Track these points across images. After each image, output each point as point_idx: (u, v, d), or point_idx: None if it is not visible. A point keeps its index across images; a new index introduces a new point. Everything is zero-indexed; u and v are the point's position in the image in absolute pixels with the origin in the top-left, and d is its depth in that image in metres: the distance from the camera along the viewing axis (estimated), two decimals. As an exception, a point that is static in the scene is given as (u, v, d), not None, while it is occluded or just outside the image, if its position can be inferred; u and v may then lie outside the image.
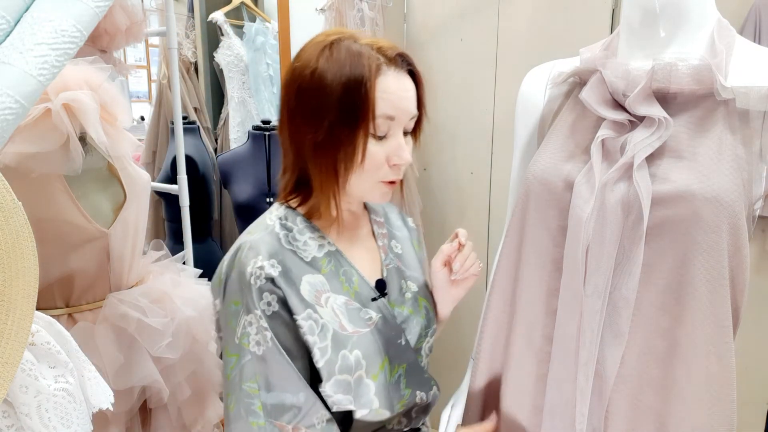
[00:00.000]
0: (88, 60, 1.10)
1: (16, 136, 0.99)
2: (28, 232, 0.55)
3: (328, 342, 0.74)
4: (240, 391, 0.72)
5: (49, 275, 1.09)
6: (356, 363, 0.74)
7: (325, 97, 0.71)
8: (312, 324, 0.73)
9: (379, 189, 0.78)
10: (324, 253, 0.79)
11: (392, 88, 0.72)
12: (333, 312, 0.75)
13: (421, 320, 0.86)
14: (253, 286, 0.71)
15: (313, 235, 0.80)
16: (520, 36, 1.88)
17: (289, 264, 0.74)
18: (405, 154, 0.75)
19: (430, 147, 2.18)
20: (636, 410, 0.77)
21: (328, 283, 0.77)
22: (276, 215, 0.80)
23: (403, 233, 0.95)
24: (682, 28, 0.77)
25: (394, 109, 0.73)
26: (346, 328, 0.75)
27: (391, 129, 0.74)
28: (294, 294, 0.73)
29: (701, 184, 0.70)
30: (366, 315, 0.78)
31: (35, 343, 0.64)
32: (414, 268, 0.91)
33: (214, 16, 2.35)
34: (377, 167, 0.75)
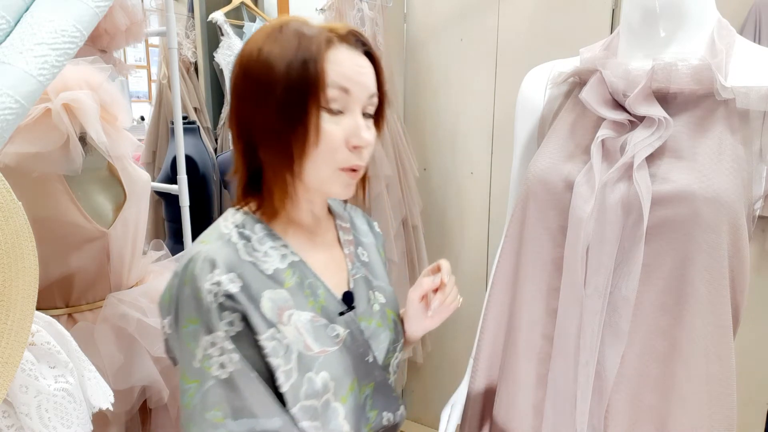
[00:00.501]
0: (88, 60, 1.10)
1: (16, 136, 0.99)
2: (28, 232, 0.55)
3: (293, 364, 0.66)
4: (203, 422, 0.63)
5: (49, 275, 1.09)
6: (323, 386, 0.67)
7: (272, 74, 0.65)
8: (276, 345, 0.66)
9: (340, 179, 0.69)
10: (287, 263, 0.71)
11: (345, 60, 0.67)
12: (297, 330, 0.68)
13: (389, 334, 0.80)
14: (211, 304, 0.63)
15: (274, 244, 0.71)
16: (520, 36, 1.88)
17: (249, 278, 0.66)
18: (365, 133, 0.68)
19: (430, 147, 2.18)
20: (636, 410, 0.77)
21: (292, 299, 0.69)
22: (232, 222, 0.71)
23: (369, 239, 0.88)
24: (682, 28, 0.77)
25: (347, 80, 0.67)
26: (311, 347, 0.68)
27: (348, 105, 0.68)
28: (255, 312, 0.65)
29: (701, 184, 0.70)
30: (333, 332, 0.71)
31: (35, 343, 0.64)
32: (381, 277, 0.84)
33: (214, 16, 2.35)
34: (334, 149, 0.67)
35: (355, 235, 0.85)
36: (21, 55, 0.60)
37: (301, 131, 0.66)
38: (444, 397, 1.07)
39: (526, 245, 0.86)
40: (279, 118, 0.66)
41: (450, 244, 2.20)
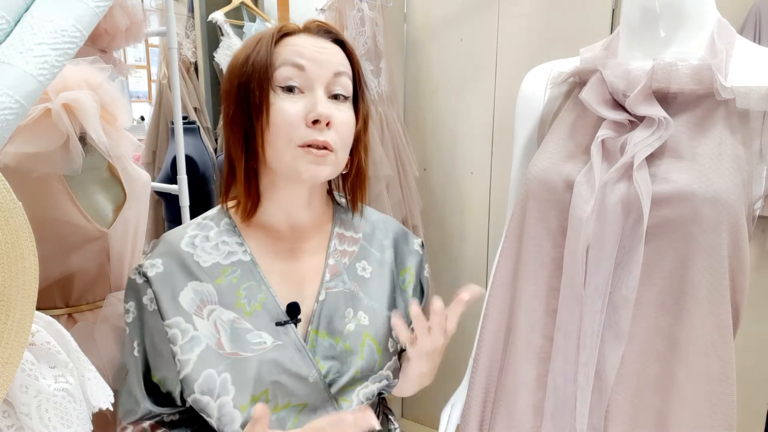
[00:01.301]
0: (88, 60, 1.10)
1: (16, 136, 0.99)
2: (28, 232, 0.55)
3: (193, 356, 0.67)
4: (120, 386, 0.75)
5: (49, 275, 1.09)
6: (222, 387, 0.67)
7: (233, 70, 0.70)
8: (176, 332, 0.68)
9: (302, 158, 0.67)
10: (230, 261, 0.72)
11: (300, 42, 0.69)
12: (214, 326, 0.69)
13: (358, 361, 0.73)
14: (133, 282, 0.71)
15: (229, 239, 0.73)
16: (520, 36, 1.88)
17: (176, 267, 0.71)
18: (321, 107, 0.66)
19: (430, 147, 2.18)
20: (636, 410, 0.77)
21: (217, 295, 0.70)
22: (206, 214, 0.77)
23: (384, 256, 0.81)
24: (682, 28, 0.77)
25: (300, 56, 0.67)
26: (223, 346, 0.68)
27: (305, 84, 0.68)
28: (168, 298, 0.69)
29: (701, 184, 0.70)
30: (257, 338, 0.69)
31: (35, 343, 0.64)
32: (378, 298, 0.78)
33: (214, 16, 2.35)
34: (290, 125, 0.66)
35: (365, 247, 0.81)
36: (21, 55, 0.59)
37: (255, 114, 0.67)
38: (444, 397, 1.07)
39: (526, 245, 0.86)
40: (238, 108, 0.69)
41: (450, 244, 2.20)
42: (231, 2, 2.38)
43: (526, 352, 0.86)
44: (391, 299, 0.80)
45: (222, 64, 2.41)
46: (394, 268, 0.83)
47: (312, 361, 0.71)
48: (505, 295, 0.90)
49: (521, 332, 0.86)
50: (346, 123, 0.70)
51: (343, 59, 0.72)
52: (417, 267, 0.85)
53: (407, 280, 0.83)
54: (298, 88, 0.68)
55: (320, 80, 0.68)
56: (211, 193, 2.28)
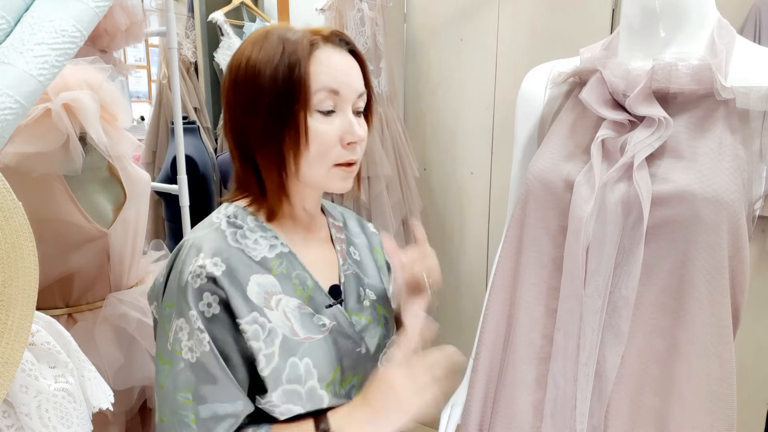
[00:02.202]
0: (88, 60, 1.10)
1: (16, 136, 0.99)
2: (28, 232, 0.55)
3: (276, 348, 0.67)
4: (173, 402, 0.66)
5: (49, 275, 1.09)
6: (306, 372, 0.69)
7: (259, 81, 0.67)
8: (257, 328, 0.67)
9: (337, 174, 0.72)
10: (276, 253, 0.73)
11: (332, 62, 0.69)
12: (284, 315, 0.70)
13: (380, 329, 0.81)
14: (191, 286, 0.65)
15: (264, 234, 0.74)
16: (520, 36, 1.88)
17: (235, 263, 0.68)
18: (358, 129, 0.70)
19: (430, 147, 2.18)
20: (636, 410, 0.77)
21: (279, 285, 0.71)
22: (224, 213, 0.74)
23: (360, 240, 0.90)
24: (682, 28, 0.77)
25: (336, 82, 0.69)
26: (298, 333, 0.70)
27: (338, 105, 0.70)
28: (239, 295, 0.67)
29: (701, 184, 0.70)
30: (319, 321, 0.73)
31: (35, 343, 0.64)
32: (372, 276, 0.86)
33: (214, 16, 2.35)
34: (328, 148, 0.69)
35: (347, 235, 0.87)
36: (21, 55, 0.60)
37: (293, 135, 0.68)
38: (444, 397, 1.07)
39: (526, 245, 0.86)
40: (270, 124, 0.68)
41: (450, 244, 2.20)
42: (231, 2, 2.38)
43: (526, 352, 0.86)
44: (379, 275, 0.88)
45: (222, 64, 2.41)
46: (370, 249, 0.91)
47: (360, 335, 0.77)
48: (505, 295, 0.90)
49: (521, 332, 0.86)
50: (365, 137, 0.74)
51: (361, 75, 0.74)
52: (380, 245, 0.93)
53: (379, 259, 0.91)
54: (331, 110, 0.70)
55: (349, 101, 0.71)
56: (211, 193, 2.28)
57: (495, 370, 0.92)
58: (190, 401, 0.66)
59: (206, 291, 0.66)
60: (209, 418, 0.66)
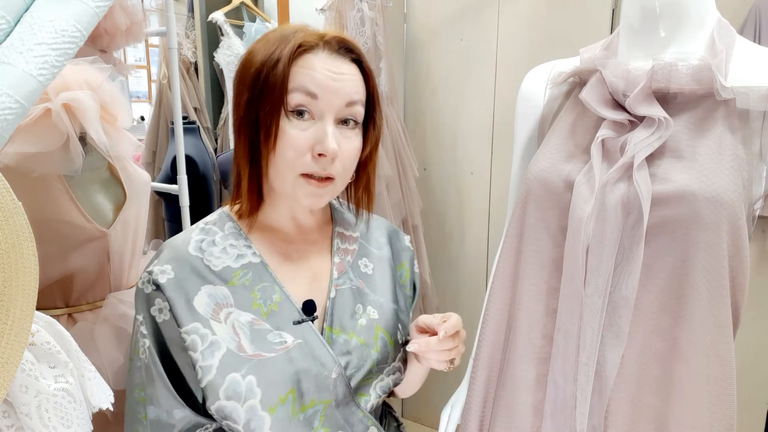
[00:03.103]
0: (88, 60, 1.10)
1: (16, 136, 0.99)
2: (28, 232, 0.55)
3: (215, 361, 0.66)
4: (131, 397, 0.70)
5: (49, 275, 1.09)
6: (248, 390, 0.65)
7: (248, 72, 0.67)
8: (196, 339, 0.66)
9: (302, 187, 0.67)
10: (241, 264, 0.71)
11: (317, 65, 0.66)
12: (233, 329, 0.67)
13: (373, 353, 0.74)
14: (141, 291, 0.68)
15: (236, 242, 0.72)
16: (520, 36, 1.88)
17: (187, 272, 0.68)
18: (329, 142, 0.65)
19: (430, 147, 2.18)
20: (636, 410, 0.77)
21: (232, 297, 0.69)
22: (206, 219, 0.75)
23: (382, 253, 0.84)
24: (682, 28, 0.77)
25: (315, 85, 0.65)
26: (245, 349, 0.67)
27: (317, 112, 0.66)
28: (183, 304, 0.66)
29: (701, 184, 0.70)
30: (278, 338, 0.69)
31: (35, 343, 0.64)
32: (383, 293, 0.80)
33: (214, 16, 2.35)
34: (296, 154, 0.65)
35: (363, 245, 0.83)
36: (21, 55, 0.59)
37: (263, 134, 0.66)
38: (444, 397, 1.07)
39: (526, 245, 0.86)
40: (246, 118, 0.67)
41: (450, 244, 2.20)
42: (231, 2, 2.38)
43: (526, 352, 0.86)
44: (394, 293, 0.82)
45: (222, 64, 2.41)
46: (392, 263, 0.85)
47: (334, 357, 0.71)
48: (505, 295, 0.90)
49: (521, 332, 0.86)
50: (350, 152, 0.69)
51: (359, 85, 0.69)
52: (410, 263, 0.88)
53: (404, 276, 0.86)
54: (309, 114, 0.66)
55: (331, 109, 0.67)
56: (211, 193, 2.28)
57: (495, 370, 0.92)
58: (143, 398, 0.69)
59: (156, 298, 0.67)
60: (154, 420, 0.68)
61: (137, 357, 0.69)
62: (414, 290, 0.88)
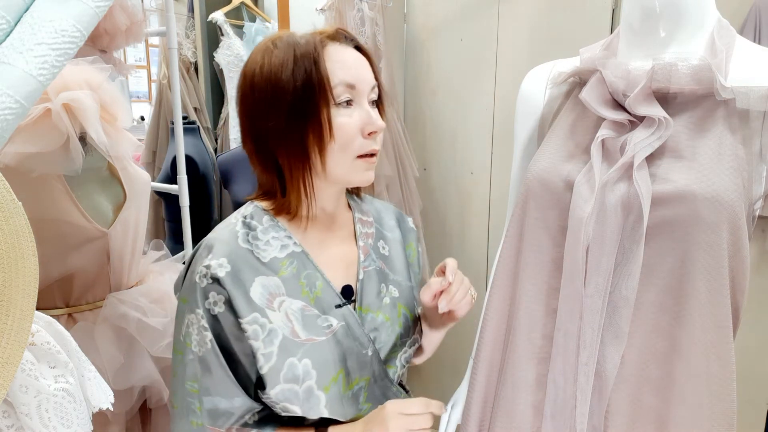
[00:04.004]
0: (88, 60, 1.10)
1: (16, 136, 0.99)
2: (28, 232, 0.55)
3: (275, 348, 0.70)
4: (182, 389, 0.73)
5: (49, 275, 1.09)
6: (305, 372, 0.71)
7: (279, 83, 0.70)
8: (257, 328, 0.70)
9: (360, 165, 0.75)
10: (286, 254, 0.75)
11: (344, 57, 0.73)
12: (286, 317, 0.72)
13: (397, 328, 0.82)
14: (198, 285, 0.70)
15: (277, 234, 0.76)
16: (520, 36, 1.88)
17: (242, 264, 0.72)
18: (377, 119, 0.74)
19: (430, 147, 2.18)
20: (636, 410, 0.77)
21: (284, 286, 0.73)
22: (242, 213, 0.78)
23: (394, 235, 0.91)
24: (682, 28, 0.77)
25: (352, 76, 0.72)
26: (298, 334, 0.72)
27: (355, 99, 0.73)
28: (241, 296, 0.70)
29: (701, 184, 0.70)
30: (325, 322, 0.74)
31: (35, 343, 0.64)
32: (399, 272, 0.87)
33: (214, 16, 2.35)
34: (350, 139, 0.72)
35: (378, 228, 0.89)
36: (21, 55, 0.60)
37: (316, 130, 0.70)
38: (444, 397, 1.07)
39: (526, 245, 0.86)
40: (293, 124, 0.71)
41: (450, 244, 2.20)
42: (231, 2, 2.38)
43: (526, 352, 0.86)
44: (407, 272, 0.89)
45: (222, 64, 2.41)
46: (403, 244, 0.92)
47: (368, 336, 0.77)
48: (505, 295, 0.90)
49: (521, 332, 0.86)
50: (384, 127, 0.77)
51: (371, 69, 0.76)
52: (416, 242, 0.95)
53: (411, 255, 0.93)
54: (350, 102, 0.73)
55: (364, 94, 0.74)
56: (211, 193, 2.28)
57: (495, 370, 0.92)
58: (196, 390, 0.72)
59: (212, 291, 0.70)
60: (211, 409, 0.72)
61: (189, 350, 0.72)
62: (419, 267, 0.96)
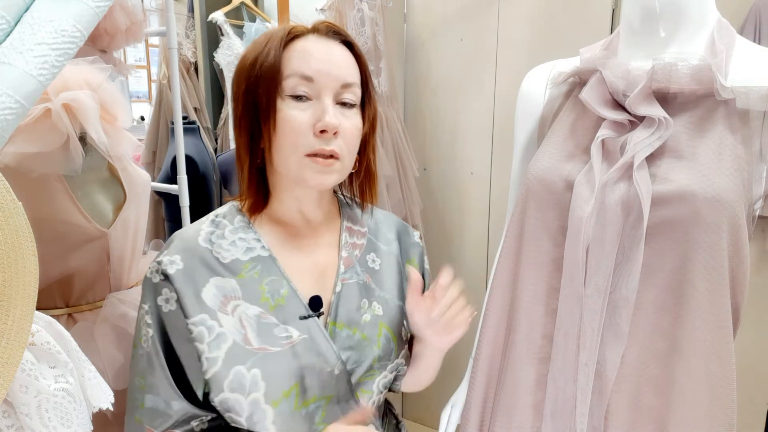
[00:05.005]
0: (88, 60, 1.09)
1: (16, 136, 0.99)
2: (28, 232, 0.55)
3: (221, 353, 0.66)
4: (132, 384, 0.71)
5: (49, 275, 1.09)
6: (252, 383, 0.66)
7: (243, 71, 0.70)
8: (203, 330, 0.66)
9: (310, 167, 0.68)
10: (250, 257, 0.71)
11: (310, 49, 0.69)
12: (239, 322, 0.68)
13: (375, 350, 0.75)
14: (150, 280, 0.68)
15: (245, 236, 0.72)
16: (520, 36, 1.88)
17: (196, 263, 0.69)
18: (329, 117, 0.67)
19: (430, 147, 2.18)
20: (636, 410, 0.77)
21: (240, 290, 0.69)
22: (216, 211, 0.76)
23: (390, 248, 0.84)
24: (682, 28, 0.77)
25: (310, 68, 0.67)
26: (251, 342, 0.67)
27: (315, 93, 0.68)
28: (191, 295, 0.67)
29: (701, 184, 0.70)
30: (284, 332, 0.69)
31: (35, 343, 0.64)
32: (389, 289, 0.80)
33: (214, 16, 2.35)
34: (298, 135, 0.67)
35: (371, 240, 0.83)
36: (21, 55, 0.59)
37: (264, 121, 0.68)
38: (444, 397, 1.07)
39: (526, 245, 0.86)
40: (245, 112, 0.69)
41: (450, 244, 2.20)
42: (231, 2, 2.38)
43: (526, 352, 0.86)
44: (401, 290, 0.82)
45: (222, 64, 2.41)
46: (401, 260, 0.85)
47: (336, 353, 0.71)
48: (505, 295, 0.90)
49: (521, 332, 0.86)
50: (352, 130, 0.71)
51: (352, 67, 0.72)
52: (419, 259, 0.88)
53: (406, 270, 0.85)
54: (306, 96, 0.68)
55: (327, 90, 0.69)
56: (211, 193, 2.28)
57: (495, 371, 0.92)
58: (143, 386, 0.69)
59: (164, 288, 0.68)
60: (151, 408, 0.69)
61: (140, 345, 0.70)
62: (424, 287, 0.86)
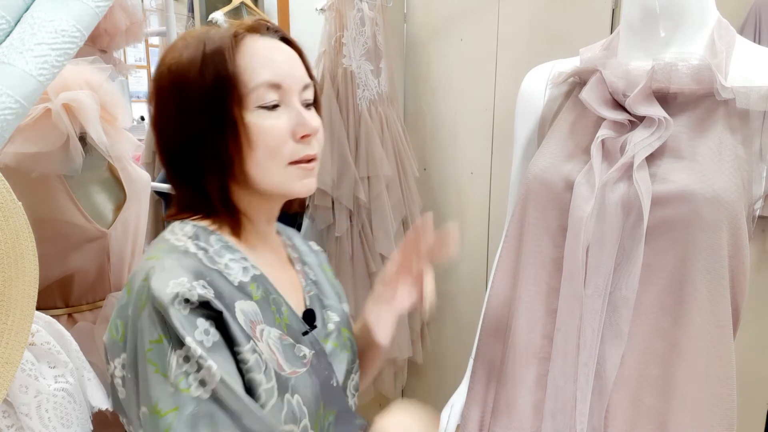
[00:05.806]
0: (88, 60, 1.10)
1: (16, 136, 0.99)
2: (28, 232, 0.55)
3: (274, 383, 0.59)
4: None
5: (49, 275, 1.09)
6: (299, 410, 0.61)
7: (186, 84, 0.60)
8: (257, 359, 0.58)
9: (295, 174, 0.64)
10: (250, 277, 0.64)
11: (266, 52, 0.63)
12: (269, 348, 0.61)
13: (347, 354, 0.74)
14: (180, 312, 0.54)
15: (233, 256, 0.64)
16: (520, 36, 1.88)
17: (220, 286, 0.58)
18: (311, 121, 0.63)
19: (430, 147, 2.18)
20: (636, 410, 0.77)
21: (261, 313, 0.62)
22: (183, 234, 0.63)
23: (311, 259, 0.82)
24: (682, 28, 0.77)
25: (276, 75, 0.62)
26: (283, 367, 0.61)
27: (283, 99, 0.63)
28: (233, 321, 0.57)
29: (701, 184, 0.70)
30: (300, 352, 0.64)
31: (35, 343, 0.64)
32: (330, 296, 0.78)
33: (214, 16, 2.35)
34: (279, 144, 0.62)
35: (300, 254, 0.80)
36: (21, 55, 0.60)
37: (234, 136, 0.60)
38: (444, 397, 1.07)
39: (526, 245, 0.86)
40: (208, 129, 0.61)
41: (450, 244, 2.20)
42: (231, 2, 2.38)
43: (526, 352, 0.86)
44: (336, 294, 0.81)
45: (222, 64, 2.40)
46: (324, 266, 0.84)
47: (331, 365, 0.69)
48: (505, 295, 0.90)
49: (521, 332, 0.86)
50: (321, 130, 0.68)
51: (302, 65, 0.67)
52: (327, 263, 0.86)
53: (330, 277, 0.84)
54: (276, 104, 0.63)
55: (294, 94, 0.64)
56: (211, 193, 2.27)
57: (495, 370, 0.92)
58: None
59: (200, 317, 0.55)
60: None
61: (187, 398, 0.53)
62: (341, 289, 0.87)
